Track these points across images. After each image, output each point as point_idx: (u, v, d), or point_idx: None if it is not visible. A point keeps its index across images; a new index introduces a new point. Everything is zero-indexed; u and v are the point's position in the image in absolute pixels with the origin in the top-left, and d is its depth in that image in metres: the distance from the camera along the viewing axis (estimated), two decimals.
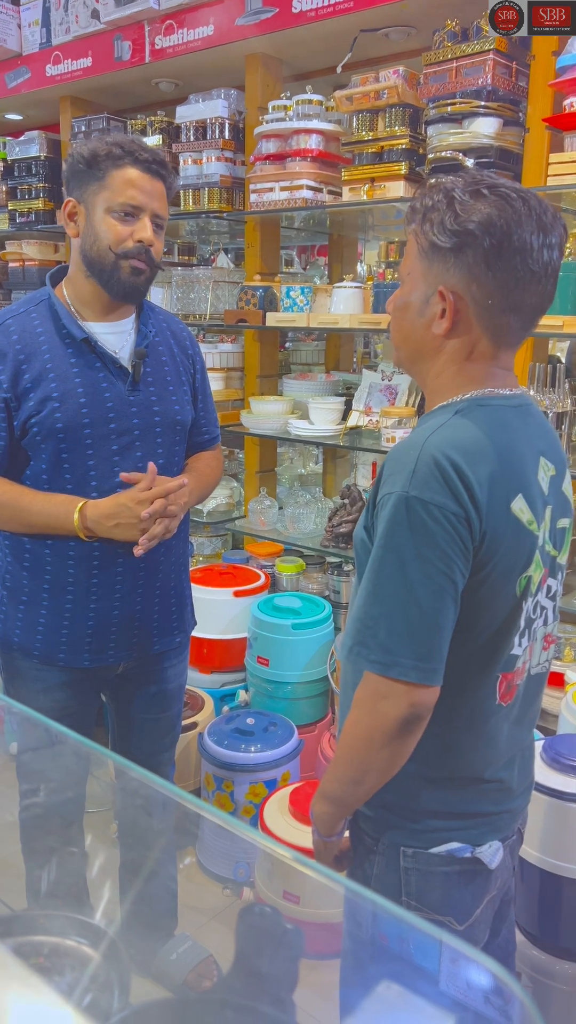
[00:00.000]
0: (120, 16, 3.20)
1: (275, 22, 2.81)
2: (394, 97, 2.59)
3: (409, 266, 1.18)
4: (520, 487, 1.13)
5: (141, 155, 1.61)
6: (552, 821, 1.71)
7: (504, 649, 1.16)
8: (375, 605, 1.09)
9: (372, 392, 2.93)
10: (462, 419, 1.12)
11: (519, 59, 2.43)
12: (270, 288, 3.03)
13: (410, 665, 1.07)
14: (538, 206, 1.10)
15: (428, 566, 1.06)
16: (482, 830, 1.22)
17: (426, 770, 1.19)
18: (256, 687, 2.79)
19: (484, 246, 1.08)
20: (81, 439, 1.65)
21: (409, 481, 1.07)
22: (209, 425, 1.91)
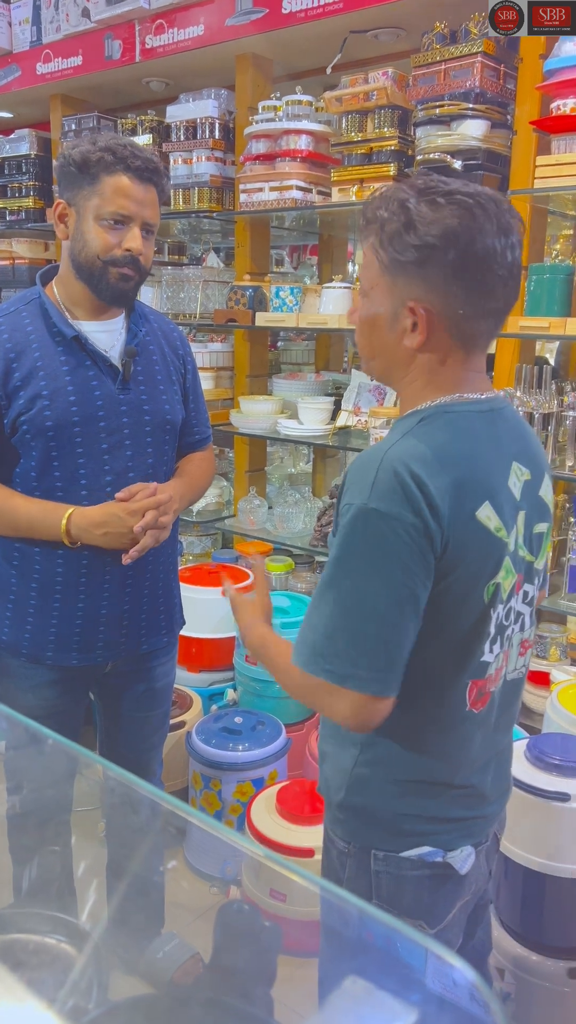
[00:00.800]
0: (110, 15, 3.20)
1: (265, 22, 2.81)
2: (383, 99, 2.60)
3: (371, 280, 1.15)
4: (486, 494, 1.11)
5: (133, 162, 1.59)
6: (535, 819, 1.72)
7: (473, 656, 1.15)
8: (332, 615, 1.08)
9: (361, 392, 2.94)
10: (425, 427, 1.11)
11: (507, 62, 2.44)
12: (260, 288, 3.03)
13: (368, 677, 1.06)
14: (495, 208, 1.07)
15: (388, 579, 1.05)
16: (454, 835, 1.21)
17: (397, 774, 1.19)
18: (244, 686, 2.79)
19: (449, 258, 1.06)
20: (71, 437, 1.65)
21: (369, 493, 1.05)
22: (200, 425, 1.91)
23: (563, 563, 2.45)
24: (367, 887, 1.21)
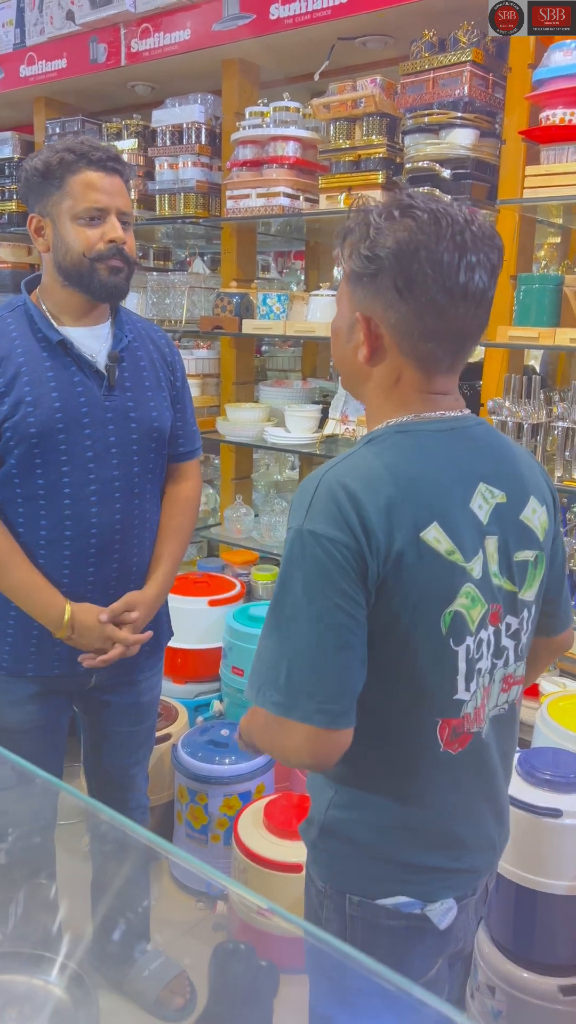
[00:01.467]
0: (95, 18, 3.17)
1: (252, 28, 2.79)
2: (371, 106, 2.59)
3: (340, 293, 1.14)
4: (434, 515, 1.04)
5: (94, 155, 1.59)
6: (527, 835, 1.70)
7: (441, 692, 1.08)
8: (276, 644, 1.04)
9: (348, 400, 2.92)
10: (372, 447, 1.07)
11: (495, 71, 2.43)
12: (246, 295, 3.01)
13: (314, 708, 1.00)
14: (455, 225, 1.02)
15: (325, 603, 1.00)
16: (434, 886, 1.14)
17: (370, 818, 1.13)
18: (231, 697, 2.76)
19: (394, 271, 1.03)
20: (55, 444, 1.63)
21: (305, 515, 1.02)
22: (188, 436, 1.88)
23: None
24: (342, 931, 1.15)
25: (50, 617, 1.66)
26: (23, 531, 1.67)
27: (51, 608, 1.66)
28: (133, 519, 1.74)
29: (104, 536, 1.69)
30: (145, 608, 1.74)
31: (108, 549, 1.70)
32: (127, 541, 1.73)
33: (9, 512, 1.67)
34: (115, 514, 1.70)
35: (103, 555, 1.70)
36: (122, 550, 1.73)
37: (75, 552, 1.68)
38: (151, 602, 1.76)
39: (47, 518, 1.66)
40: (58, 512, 1.65)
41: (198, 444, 1.93)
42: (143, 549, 1.78)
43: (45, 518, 1.66)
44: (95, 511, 1.68)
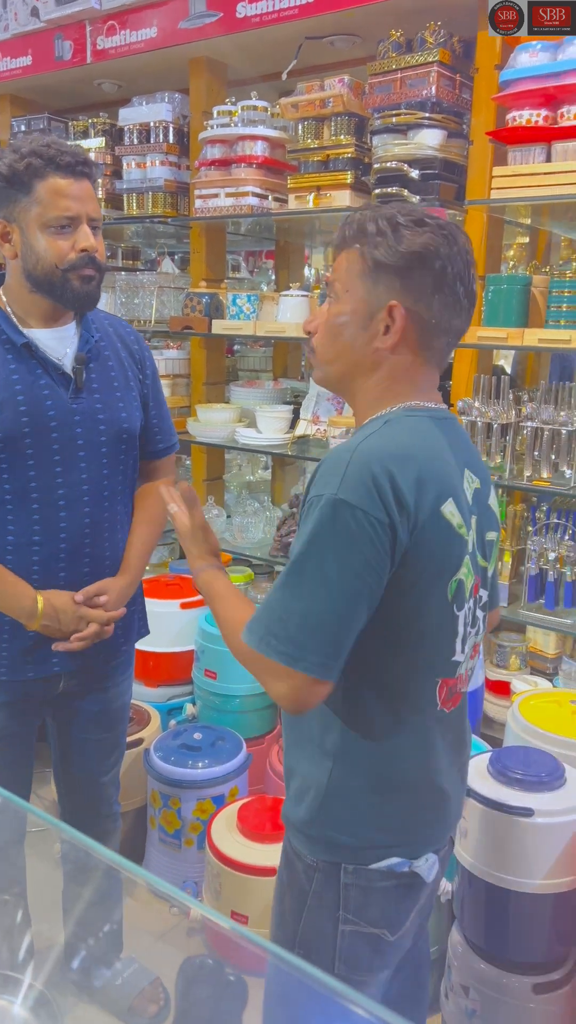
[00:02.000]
0: (60, 15, 3.14)
1: (219, 27, 2.77)
2: (339, 106, 2.58)
3: (346, 284, 1.21)
4: (449, 491, 1.17)
5: (62, 159, 1.54)
6: (499, 835, 1.71)
7: (442, 654, 1.20)
8: (292, 599, 1.11)
9: (320, 401, 2.92)
10: (391, 428, 1.17)
11: (463, 71, 2.44)
12: (216, 295, 2.99)
13: (316, 661, 1.09)
14: (467, 243, 1.19)
15: (347, 570, 1.08)
16: (420, 844, 1.24)
17: (373, 781, 1.20)
18: (204, 700, 2.75)
19: (434, 268, 1.15)
20: (21, 449, 1.60)
21: (339, 484, 1.09)
22: (163, 433, 1.86)
23: (522, 573, 2.45)
24: (334, 901, 1.22)
25: (24, 607, 1.63)
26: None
27: (23, 599, 1.63)
28: (103, 521, 1.71)
29: (73, 539, 1.67)
30: (116, 593, 1.72)
31: (78, 552, 1.68)
32: (98, 543, 1.71)
33: None
34: (84, 517, 1.68)
35: (73, 557, 1.68)
36: (93, 552, 1.70)
37: (44, 556, 1.65)
38: (122, 588, 1.74)
39: (15, 523, 1.63)
40: (26, 517, 1.63)
41: (175, 440, 1.92)
42: (115, 549, 1.76)
43: (12, 523, 1.63)
44: (64, 515, 1.65)
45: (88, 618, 1.67)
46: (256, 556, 3.06)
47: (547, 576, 2.36)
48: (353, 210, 2.59)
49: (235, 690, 2.66)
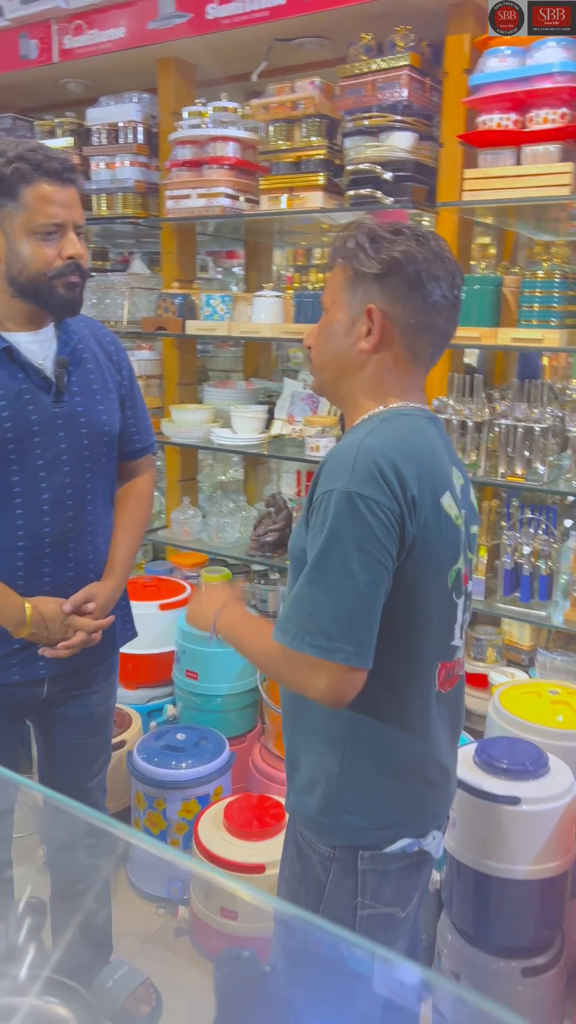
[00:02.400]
0: (25, 14, 3.10)
1: (188, 28, 2.77)
2: (311, 108, 2.60)
3: (333, 296, 1.30)
4: (446, 485, 1.24)
5: (49, 165, 1.53)
6: (486, 823, 1.75)
7: (443, 639, 1.28)
8: (319, 593, 1.15)
9: (294, 401, 2.94)
10: (388, 425, 1.23)
11: (432, 75, 2.48)
12: (189, 296, 2.99)
13: (352, 651, 1.14)
14: (446, 250, 1.26)
15: (368, 557, 1.14)
16: (426, 822, 1.30)
17: (383, 764, 1.26)
18: (185, 701, 2.75)
19: (408, 272, 1.22)
20: (5, 455, 1.59)
21: (349, 478, 1.15)
22: (141, 433, 1.86)
23: (497, 567, 2.50)
24: (352, 888, 1.27)
25: (9, 615, 1.62)
26: None
27: (9, 606, 1.62)
28: (86, 524, 1.71)
29: (58, 543, 1.67)
30: (103, 598, 1.72)
31: (62, 556, 1.68)
32: (81, 546, 1.71)
33: None
34: (68, 521, 1.68)
35: (58, 561, 1.68)
36: (77, 556, 1.70)
37: (29, 560, 1.65)
38: (109, 592, 1.74)
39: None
40: (10, 522, 1.62)
41: (152, 440, 1.92)
42: (98, 551, 1.76)
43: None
44: (48, 519, 1.65)
45: (76, 626, 1.68)
46: (233, 556, 3.07)
47: (522, 570, 2.41)
48: (325, 211, 2.63)
49: (217, 690, 2.67)
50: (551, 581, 2.40)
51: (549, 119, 2.15)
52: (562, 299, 2.22)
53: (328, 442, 2.69)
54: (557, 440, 2.40)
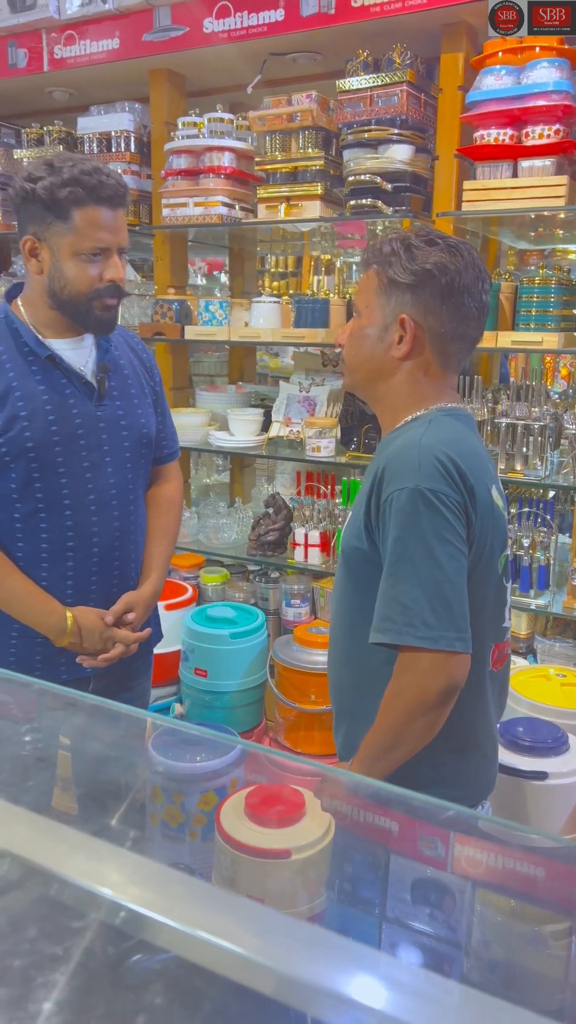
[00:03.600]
0: (16, 23, 3.13)
1: (184, 41, 2.84)
2: (307, 120, 2.69)
3: (367, 300, 1.36)
4: (492, 479, 1.33)
5: (103, 191, 1.55)
6: (514, 799, 1.85)
7: (496, 621, 1.37)
8: (412, 587, 1.21)
9: (291, 403, 3.02)
10: (436, 425, 1.31)
11: (426, 91, 2.60)
12: (185, 302, 3.05)
13: (455, 637, 1.21)
14: (476, 258, 1.32)
15: (449, 547, 1.22)
16: (480, 792, 1.40)
17: (448, 741, 1.33)
18: (193, 698, 2.80)
19: (440, 283, 1.29)
20: (52, 457, 1.64)
21: (417, 476, 1.23)
22: (169, 440, 1.92)
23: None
24: None
25: (50, 624, 1.66)
26: (23, 545, 1.67)
27: (51, 615, 1.66)
28: (130, 524, 1.77)
29: (105, 544, 1.71)
30: (143, 607, 1.77)
31: (110, 556, 1.73)
32: (126, 547, 1.76)
33: (6, 528, 1.66)
34: (114, 521, 1.73)
35: (105, 562, 1.72)
36: (122, 556, 1.76)
37: (78, 562, 1.69)
38: (148, 601, 1.79)
39: (48, 531, 1.66)
40: (59, 524, 1.67)
41: (178, 446, 1.98)
42: (139, 553, 1.81)
43: (46, 531, 1.66)
44: (95, 519, 1.70)
45: (115, 639, 1.72)
46: (231, 555, 3.14)
47: (521, 561, 2.54)
48: (323, 220, 2.72)
49: (226, 686, 2.73)
50: (548, 571, 2.52)
51: (544, 135, 2.28)
52: (558, 303, 2.35)
53: (327, 443, 2.78)
54: (551, 438, 2.53)
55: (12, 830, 0.71)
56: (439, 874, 1.38)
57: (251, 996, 0.57)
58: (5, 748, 1.20)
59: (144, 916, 0.62)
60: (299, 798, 2.56)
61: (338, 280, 3.27)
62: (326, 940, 0.65)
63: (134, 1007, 0.67)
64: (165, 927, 0.61)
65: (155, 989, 0.70)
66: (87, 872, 0.65)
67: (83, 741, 1.30)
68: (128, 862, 0.72)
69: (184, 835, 2.63)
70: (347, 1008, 0.55)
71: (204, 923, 0.61)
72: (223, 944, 0.59)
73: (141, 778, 1.72)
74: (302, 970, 0.57)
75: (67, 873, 0.65)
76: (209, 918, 0.62)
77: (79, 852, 0.69)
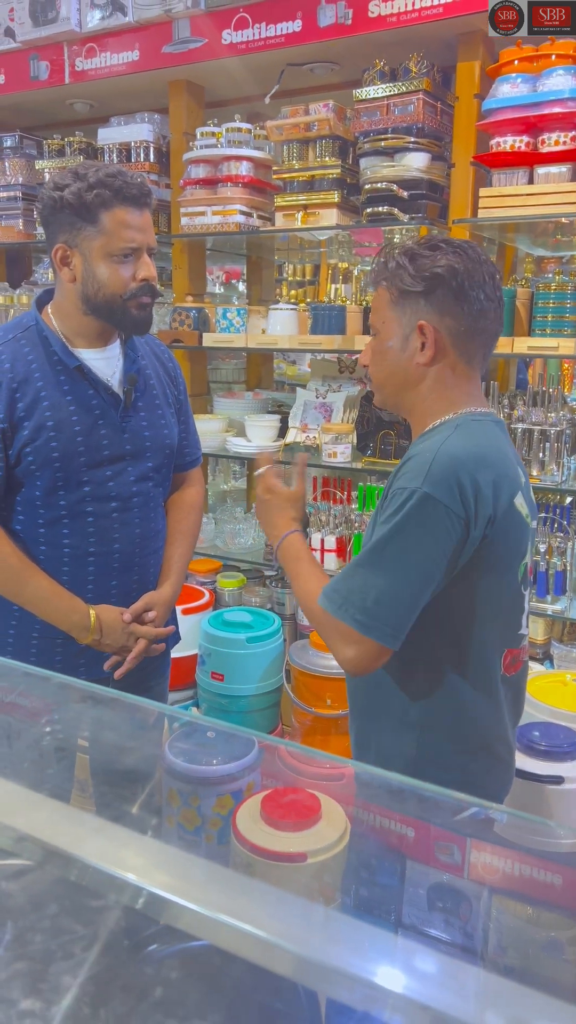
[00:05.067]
0: (38, 37, 3.18)
1: (204, 52, 2.88)
2: (325, 129, 2.72)
3: (382, 316, 1.38)
4: (518, 486, 1.33)
5: (128, 191, 1.57)
6: (531, 803, 1.85)
7: (512, 628, 1.37)
8: (373, 575, 1.25)
9: (307, 409, 3.04)
10: (462, 432, 1.30)
11: (442, 99, 2.62)
12: (203, 309, 3.08)
13: (388, 632, 1.24)
14: (483, 254, 1.34)
15: (426, 555, 1.23)
16: (495, 795, 1.39)
17: (459, 744, 1.34)
18: (209, 702, 2.81)
19: (451, 284, 1.30)
20: (77, 467, 1.66)
21: (424, 480, 1.23)
22: (191, 447, 1.94)
23: None
24: None
25: (74, 621, 1.68)
26: (45, 549, 1.69)
27: (74, 612, 1.68)
28: (150, 531, 1.79)
29: (126, 550, 1.73)
30: (162, 607, 1.79)
31: (130, 561, 1.75)
32: (146, 552, 1.78)
33: (29, 533, 1.69)
34: (135, 528, 1.75)
35: (125, 568, 1.74)
36: (141, 562, 1.78)
37: (98, 567, 1.71)
38: (167, 601, 1.81)
39: (70, 536, 1.69)
40: (81, 531, 1.69)
41: (200, 452, 2.00)
42: (159, 558, 1.83)
43: (68, 537, 1.69)
44: (117, 527, 1.72)
45: (138, 634, 1.74)
46: (247, 560, 3.15)
47: (538, 567, 2.53)
48: (340, 228, 2.75)
49: (242, 691, 2.74)
50: (565, 576, 2.52)
51: (560, 141, 2.29)
52: (575, 309, 2.36)
53: (344, 448, 2.79)
54: (568, 444, 2.53)
55: (32, 815, 0.73)
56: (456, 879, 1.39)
57: (266, 975, 0.58)
58: (24, 739, 1.22)
59: (161, 897, 0.63)
60: (315, 802, 2.56)
61: (355, 288, 3.29)
62: (342, 923, 0.66)
63: (151, 981, 0.69)
64: (182, 908, 0.62)
65: (171, 964, 0.72)
66: (105, 855, 0.67)
67: (100, 737, 1.32)
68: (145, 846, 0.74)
69: (200, 839, 2.64)
70: (358, 988, 0.56)
71: (221, 904, 0.62)
72: (240, 925, 0.61)
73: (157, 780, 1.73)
74: (315, 950, 0.58)
75: (85, 856, 0.67)
76: (226, 900, 0.63)
77: (98, 836, 0.71)
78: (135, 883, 0.64)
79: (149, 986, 0.69)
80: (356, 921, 0.67)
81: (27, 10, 3.16)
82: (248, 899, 0.64)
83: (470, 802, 1.08)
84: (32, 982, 0.64)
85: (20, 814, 0.72)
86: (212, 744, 2.58)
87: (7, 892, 0.74)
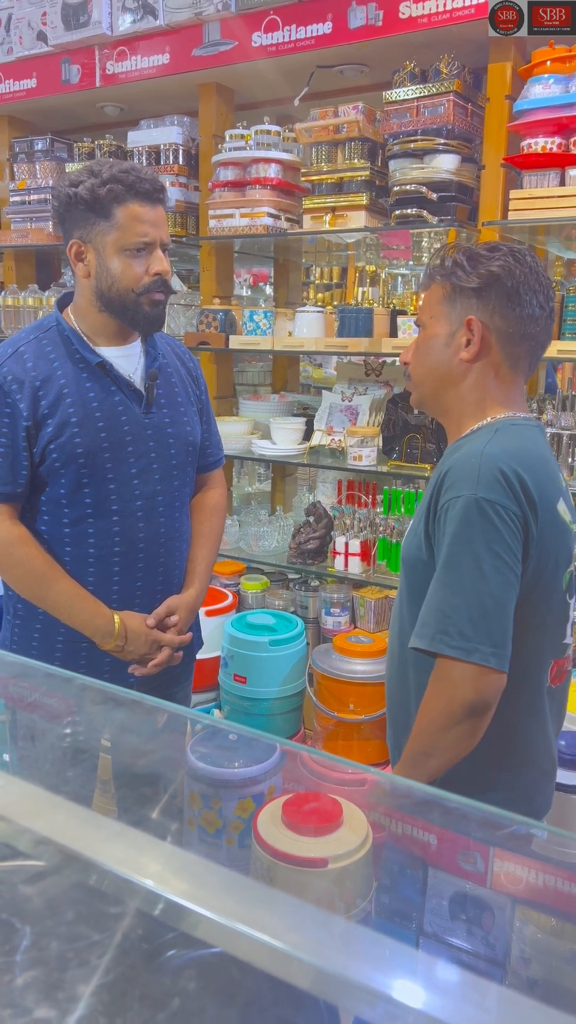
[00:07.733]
0: (70, 40, 3.21)
1: (234, 55, 2.88)
2: (354, 131, 2.71)
3: (431, 311, 1.38)
4: (560, 492, 1.31)
5: (141, 186, 1.60)
6: (556, 814, 1.82)
7: (557, 638, 1.33)
8: (453, 595, 1.20)
9: (333, 412, 3.02)
10: (503, 435, 1.28)
11: (473, 100, 2.59)
12: (230, 312, 3.08)
13: (489, 652, 1.19)
14: (539, 263, 1.34)
15: (498, 560, 1.20)
16: (538, 810, 1.37)
17: (504, 760, 1.31)
18: (232, 705, 2.81)
19: (506, 285, 1.30)
20: (101, 463, 1.66)
21: (475, 485, 1.21)
22: (214, 447, 1.95)
23: None
24: None
25: (98, 626, 1.68)
26: (70, 549, 1.70)
27: (98, 617, 1.68)
28: (175, 530, 1.79)
29: (151, 549, 1.74)
30: (185, 611, 1.79)
31: (155, 561, 1.75)
32: (171, 552, 1.78)
33: (54, 533, 1.69)
34: (160, 527, 1.75)
35: (150, 567, 1.74)
36: (167, 561, 1.78)
37: (124, 566, 1.71)
38: (191, 605, 1.81)
39: (95, 536, 1.69)
40: (106, 529, 1.69)
41: (222, 453, 2.00)
42: (183, 558, 1.83)
43: (93, 536, 1.69)
44: (142, 525, 1.72)
45: (160, 641, 1.74)
46: (271, 563, 3.14)
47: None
48: (369, 230, 2.73)
49: (265, 693, 2.73)
50: None
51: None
52: None
53: (369, 452, 2.77)
54: None
55: (51, 818, 0.73)
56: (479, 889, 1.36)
57: (284, 988, 0.57)
58: (45, 740, 1.22)
59: (180, 905, 0.62)
60: (337, 807, 2.55)
61: (383, 291, 3.27)
62: (362, 936, 0.65)
63: (169, 991, 0.68)
64: (200, 916, 0.61)
65: (188, 975, 0.71)
66: (124, 860, 0.66)
67: (121, 739, 1.32)
68: (164, 852, 0.73)
69: (221, 842, 2.63)
70: (379, 1003, 0.55)
71: (240, 914, 0.61)
72: (259, 936, 0.60)
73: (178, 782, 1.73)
74: (335, 963, 0.56)
75: (104, 861, 0.66)
76: (246, 909, 0.62)
77: (117, 841, 0.70)
78: (153, 889, 0.63)
79: (166, 996, 0.69)
80: (380, 935, 0.65)
81: (59, 14, 3.19)
82: (268, 909, 0.63)
83: (493, 812, 1.07)
84: (47, 989, 0.64)
85: (39, 816, 0.72)
86: (234, 747, 2.58)
87: (25, 896, 0.73)
